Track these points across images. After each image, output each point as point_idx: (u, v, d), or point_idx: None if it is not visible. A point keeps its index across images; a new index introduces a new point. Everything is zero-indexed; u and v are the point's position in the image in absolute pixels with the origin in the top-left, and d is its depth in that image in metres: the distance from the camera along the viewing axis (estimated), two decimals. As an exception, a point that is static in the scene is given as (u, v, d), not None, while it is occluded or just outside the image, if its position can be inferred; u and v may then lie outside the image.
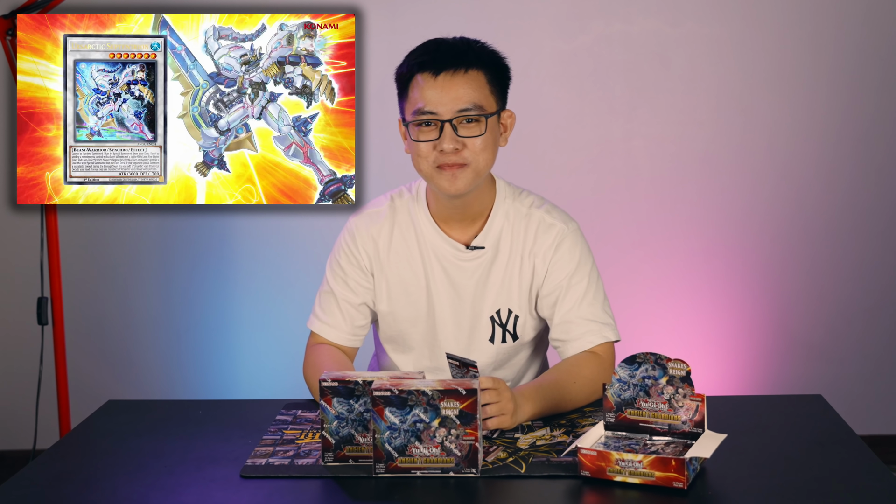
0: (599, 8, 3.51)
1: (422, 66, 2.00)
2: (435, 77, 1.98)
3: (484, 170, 2.03)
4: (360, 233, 2.15)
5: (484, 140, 2.00)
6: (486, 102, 2.00)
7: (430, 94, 1.98)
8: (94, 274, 3.61)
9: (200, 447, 1.84)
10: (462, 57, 2.00)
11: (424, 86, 1.99)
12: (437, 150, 1.99)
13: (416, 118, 2.00)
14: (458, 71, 1.98)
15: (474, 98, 1.99)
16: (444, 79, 1.98)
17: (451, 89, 1.98)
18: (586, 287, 2.10)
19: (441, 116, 1.98)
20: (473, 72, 2.00)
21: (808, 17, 3.50)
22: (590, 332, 2.08)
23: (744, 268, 3.61)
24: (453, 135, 1.98)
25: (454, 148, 1.98)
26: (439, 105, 1.98)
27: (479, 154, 2.00)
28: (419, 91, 1.99)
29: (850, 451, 1.76)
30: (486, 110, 2.00)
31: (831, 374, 3.64)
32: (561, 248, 2.10)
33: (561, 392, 1.97)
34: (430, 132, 2.00)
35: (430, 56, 2.00)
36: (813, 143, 3.56)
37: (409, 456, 1.67)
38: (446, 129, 1.98)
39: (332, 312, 2.15)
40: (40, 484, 1.72)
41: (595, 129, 3.56)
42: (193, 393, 3.60)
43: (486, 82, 2.01)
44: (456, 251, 2.11)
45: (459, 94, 1.98)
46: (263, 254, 3.60)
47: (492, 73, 2.03)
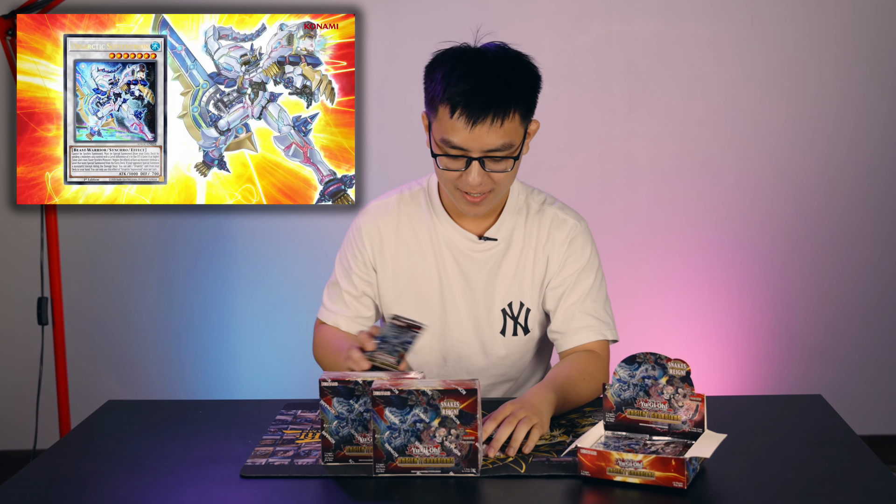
0: (599, 8, 3.51)
1: (455, 106, 1.91)
2: (470, 128, 1.91)
3: (505, 191, 2.04)
4: (366, 226, 2.16)
5: (509, 172, 1.99)
6: (515, 138, 1.96)
7: (462, 135, 1.93)
8: (94, 274, 3.61)
9: (200, 447, 1.84)
10: (500, 104, 1.91)
11: (457, 127, 1.92)
12: (462, 181, 1.98)
13: (443, 148, 1.96)
14: (496, 121, 1.92)
15: (505, 139, 1.94)
16: (480, 129, 1.92)
17: (485, 136, 1.93)
18: (591, 284, 2.11)
19: (470, 154, 1.94)
20: (510, 116, 1.94)
21: (808, 17, 3.50)
22: (589, 328, 2.09)
23: (744, 268, 3.61)
24: (480, 169, 1.95)
25: (479, 181, 1.96)
26: (469, 144, 1.93)
27: (502, 182, 1.99)
28: (450, 125, 1.93)
29: (850, 451, 1.76)
30: (514, 145, 1.96)
31: (831, 374, 3.65)
32: (574, 243, 2.12)
33: (573, 386, 1.98)
34: (457, 163, 1.96)
35: (467, 99, 1.90)
36: (813, 142, 3.56)
37: (409, 456, 1.67)
38: (474, 165, 1.95)
39: (338, 302, 2.18)
40: (40, 484, 1.72)
41: (595, 129, 3.56)
42: (193, 393, 3.60)
43: (519, 121, 1.96)
44: (468, 242, 2.12)
45: (492, 139, 1.93)
46: (263, 254, 3.60)
47: (526, 105, 1.98)
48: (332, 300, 2.20)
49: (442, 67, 1.96)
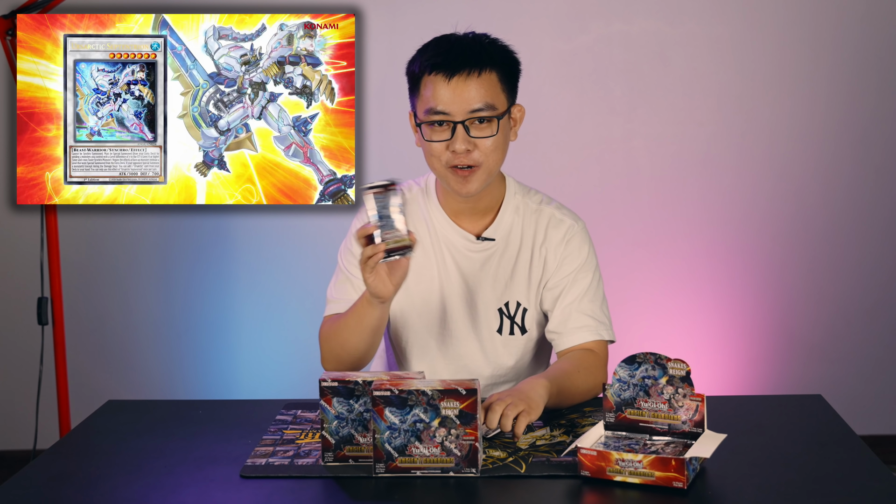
0: (599, 8, 3.51)
1: (435, 66, 2.00)
2: (448, 80, 1.99)
3: (495, 168, 2.06)
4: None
5: (495, 140, 2.02)
6: (497, 101, 2.02)
7: (443, 95, 1.99)
8: (94, 274, 3.61)
9: (200, 447, 1.84)
10: (476, 58, 2.00)
11: (437, 87, 2.00)
12: (450, 151, 2.01)
13: (428, 118, 2.02)
14: (472, 73, 1.99)
15: (486, 98, 2.00)
16: (458, 81, 1.99)
17: (465, 91, 1.99)
18: (588, 284, 2.12)
19: (453, 117, 2.00)
20: (486, 73, 2.01)
21: (807, 17, 3.50)
22: (587, 328, 2.09)
23: (744, 268, 3.61)
24: (466, 136, 2.00)
25: (466, 149, 2.00)
26: (452, 106, 1.99)
27: (490, 155, 2.03)
28: (432, 91, 2.00)
29: (850, 451, 1.76)
30: (497, 109, 2.02)
31: (831, 374, 3.64)
32: (571, 243, 2.13)
33: (568, 378, 1.98)
34: (442, 132, 2.01)
35: (443, 57, 2.01)
36: (812, 142, 3.56)
37: (409, 456, 1.67)
38: (458, 130, 2.00)
39: (347, 291, 2.15)
40: (40, 484, 1.71)
41: (595, 129, 3.56)
42: (193, 393, 3.60)
43: (497, 81, 2.02)
44: (466, 241, 2.13)
45: (472, 95, 1.99)
46: (263, 254, 3.60)
47: (504, 71, 2.04)
48: (339, 291, 2.16)
49: (417, 52, 2.07)
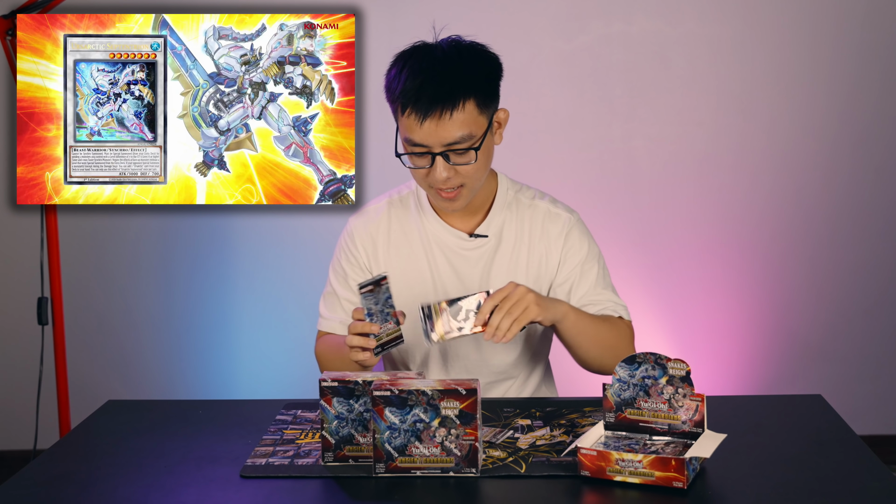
0: (599, 8, 3.51)
1: (405, 105, 1.93)
2: (420, 123, 1.93)
3: (480, 182, 2.03)
4: (357, 232, 2.16)
5: (476, 163, 1.98)
6: (475, 127, 1.96)
7: (418, 133, 1.94)
8: (94, 274, 3.61)
9: (200, 447, 1.84)
10: (448, 94, 1.92)
11: (411, 124, 1.94)
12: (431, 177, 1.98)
13: (406, 145, 1.98)
14: (445, 113, 1.92)
15: (464, 129, 1.94)
16: (431, 123, 1.92)
17: (439, 130, 1.93)
18: (597, 273, 2.13)
19: (432, 149, 1.95)
20: (461, 106, 1.93)
21: (807, 17, 3.50)
22: (607, 310, 2.11)
23: (744, 267, 3.61)
24: (445, 164, 1.96)
25: (447, 176, 1.97)
26: (428, 140, 1.94)
27: (472, 175, 1.99)
28: (406, 124, 1.95)
29: (850, 451, 1.76)
30: (476, 136, 1.96)
31: (831, 374, 3.65)
32: (571, 236, 2.13)
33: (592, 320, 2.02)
34: (422, 160, 1.97)
35: (414, 97, 1.92)
36: (812, 142, 3.56)
37: (409, 456, 1.67)
38: (438, 160, 1.95)
39: (335, 310, 2.18)
40: (40, 484, 1.72)
41: (595, 129, 3.56)
42: (193, 393, 3.60)
43: (475, 107, 1.95)
44: (459, 240, 2.12)
45: (448, 132, 1.93)
46: (263, 254, 3.60)
47: (481, 93, 1.96)
48: (329, 308, 2.19)
49: (394, 69, 1.99)
